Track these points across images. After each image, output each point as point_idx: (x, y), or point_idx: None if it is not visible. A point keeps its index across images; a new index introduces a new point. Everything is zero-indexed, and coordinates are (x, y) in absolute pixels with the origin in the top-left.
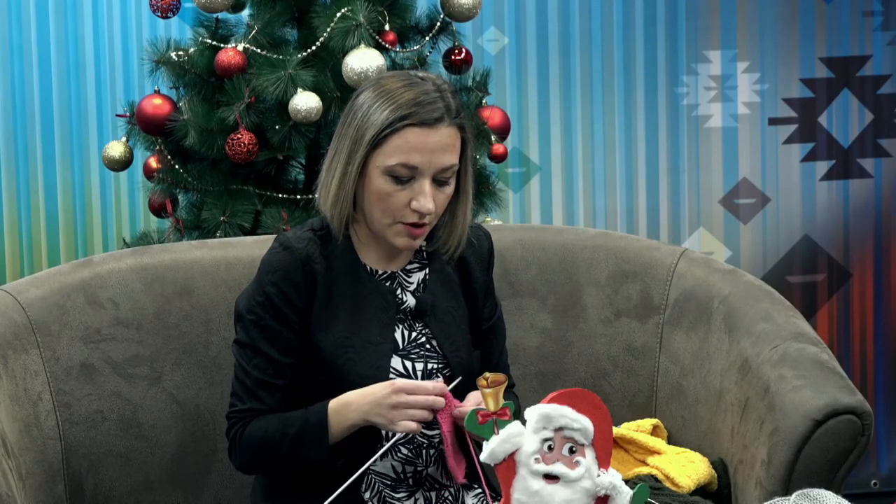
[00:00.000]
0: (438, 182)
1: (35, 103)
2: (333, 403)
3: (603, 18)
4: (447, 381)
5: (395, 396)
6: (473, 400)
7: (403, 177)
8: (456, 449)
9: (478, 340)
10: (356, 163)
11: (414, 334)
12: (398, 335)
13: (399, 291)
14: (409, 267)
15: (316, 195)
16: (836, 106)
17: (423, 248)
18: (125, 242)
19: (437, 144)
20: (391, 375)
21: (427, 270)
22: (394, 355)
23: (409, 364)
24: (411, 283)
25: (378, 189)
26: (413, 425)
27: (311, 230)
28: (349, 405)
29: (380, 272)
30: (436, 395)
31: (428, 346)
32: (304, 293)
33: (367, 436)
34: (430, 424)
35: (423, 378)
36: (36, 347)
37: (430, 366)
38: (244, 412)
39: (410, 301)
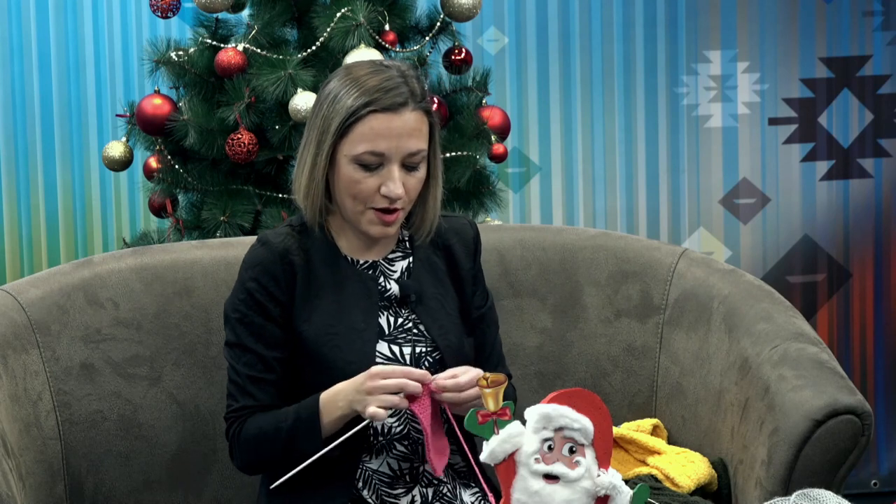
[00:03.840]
0: (408, 167)
1: (35, 103)
2: (324, 395)
3: (603, 18)
4: (430, 368)
5: (370, 382)
6: (472, 373)
7: (371, 164)
8: (438, 442)
9: (469, 329)
10: (324, 153)
11: (400, 320)
12: (383, 321)
13: (382, 279)
14: (391, 256)
15: (292, 189)
16: (836, 106)
17: (405, 237)
18: (125, 242)
19: (402, 129)
20: (378, 360)
21: (411, 259)
22: (380, 340)
23: (396, 348)
24: (394, 272)
25: (347, 177)
26: (380, 412)
27: (289, 226)
28: (337, 395)
29: (361, 262)
30: (413, 379)
31: (415, 330)
32: (285, 285)
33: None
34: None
35: (411, 361)
36: (36, 347)
37: (418, 349)
38: (239, 410)
39: (394, 288)
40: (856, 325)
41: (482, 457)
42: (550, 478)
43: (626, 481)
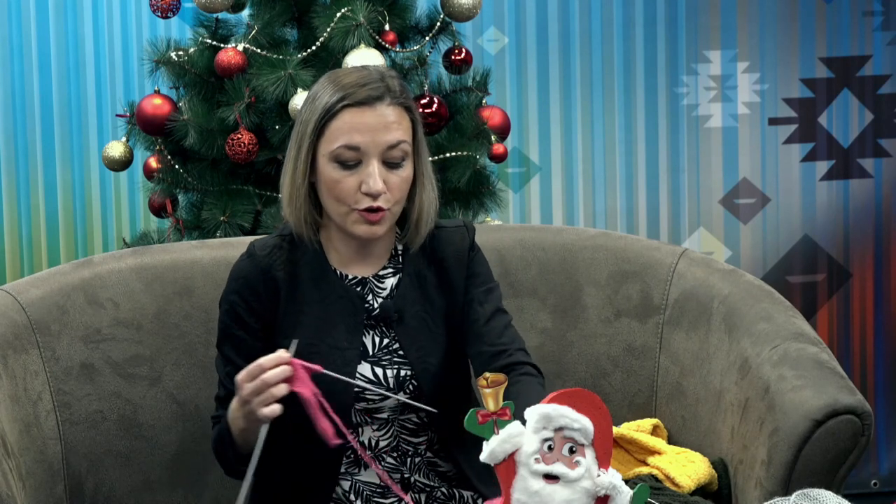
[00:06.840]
0: (389, 164)
1: (35, 103)
2: (229, 410)
3: (603, 18)
4: (413, 391)
5: (242, 392)
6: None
7: (349, 160)
8: (323, 413)
9: (462, 336)
10: (304, 154)
11: (386, 340)
12: (368, 341)
13: (370, 297)
14: (381, 273)
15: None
16: (836, 106)
17: (398, 251)
18: (125, 242)
19: (378, 123)
20: (359, 382)
21: (400, 275)
22: (363, 361)
23: (379, 371)
24: (384, 289)
25: (328, 177)
26: (269, 409)
27: (280, 236)
28: (233, 411)
29: (350, 277)
30: (274, 366)
31: (401, 352)
32: (267, 301)
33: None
34: (413, 431)
35: (394, 385)
36: (36, 347)
37: (402, 373)
38: (216, 418)
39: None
40: (856, 325)
41: (482, 457)
42: (550, 478)
43: (626, 481)
